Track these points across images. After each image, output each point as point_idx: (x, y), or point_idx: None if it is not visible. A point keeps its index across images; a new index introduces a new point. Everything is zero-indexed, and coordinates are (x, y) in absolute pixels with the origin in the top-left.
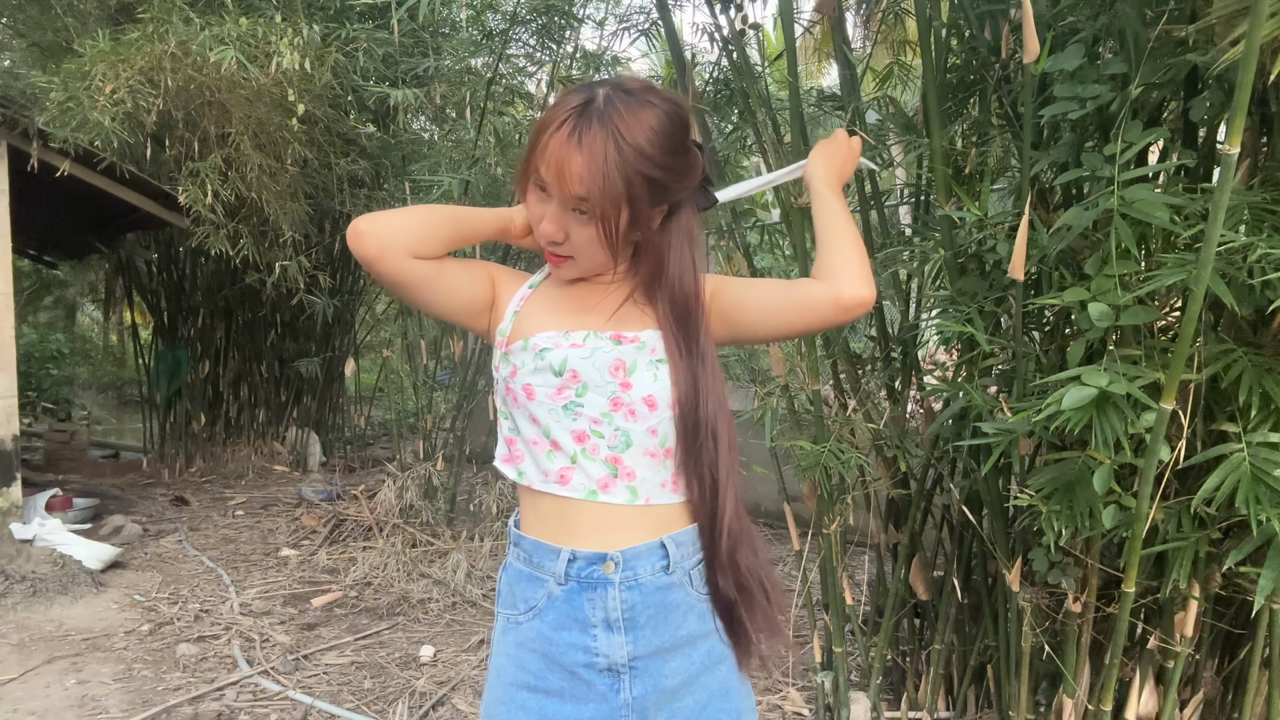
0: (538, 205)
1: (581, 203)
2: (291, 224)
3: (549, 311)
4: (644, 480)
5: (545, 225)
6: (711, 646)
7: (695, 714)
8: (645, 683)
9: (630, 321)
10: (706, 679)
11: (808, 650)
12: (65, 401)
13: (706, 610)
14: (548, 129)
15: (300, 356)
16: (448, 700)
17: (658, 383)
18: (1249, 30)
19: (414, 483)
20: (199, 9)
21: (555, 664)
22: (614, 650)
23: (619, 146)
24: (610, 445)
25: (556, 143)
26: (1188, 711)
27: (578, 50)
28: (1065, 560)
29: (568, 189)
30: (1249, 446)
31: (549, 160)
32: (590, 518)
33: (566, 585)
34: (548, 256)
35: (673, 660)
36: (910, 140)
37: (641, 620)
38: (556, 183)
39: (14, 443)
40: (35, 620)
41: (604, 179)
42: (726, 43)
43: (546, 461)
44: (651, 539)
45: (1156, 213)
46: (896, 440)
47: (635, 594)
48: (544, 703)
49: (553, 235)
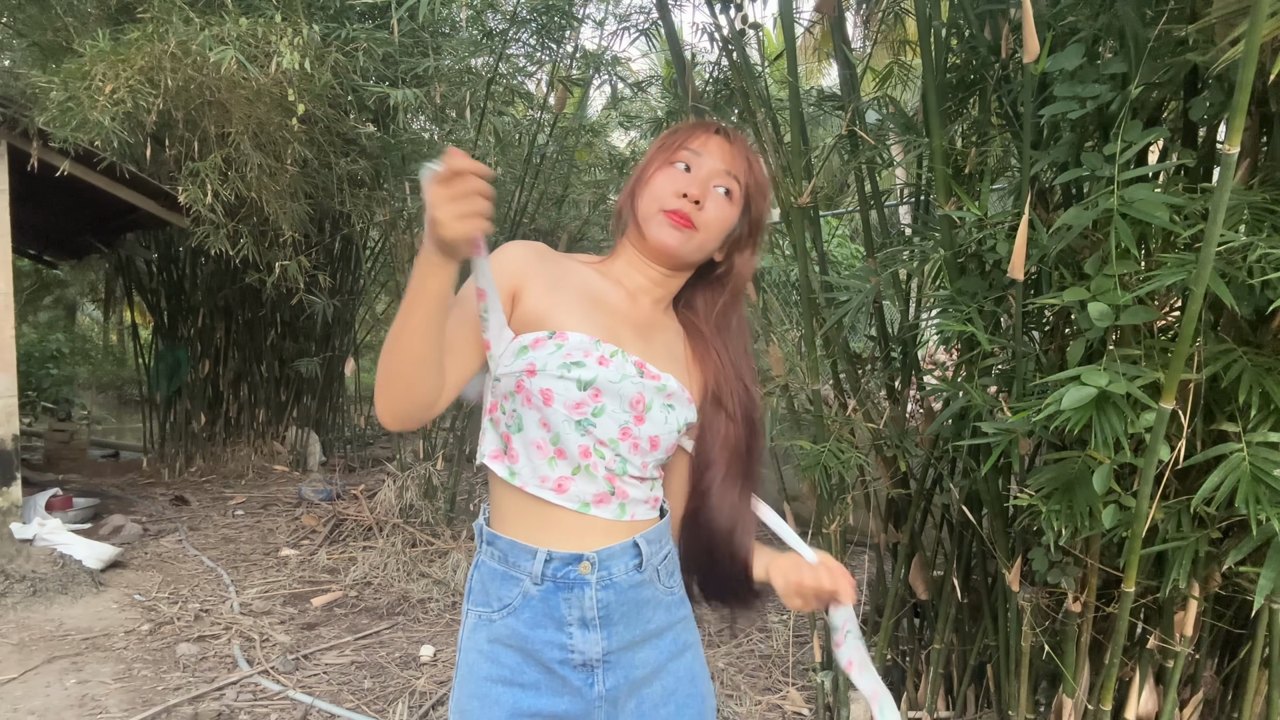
0: (678, 174)
1: (733, 180)
2: (291, 224)
3: (584, 307)
4: (633, 500)
5: (692, 187)
6: (677, 635)
7: (664, 699)
8: (617, 675)
9: (657, 346)
10: (674, 665)
11: (808, 650)
12: (65, 401)
13: (672, 602)
14: (699, 131)
15: (300, 356)
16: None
17: (666, 425)
18: (1249, 30)
19: (414, 482)
20: (199, 9)
21: (531, 659)
22: (589, 647)
23: (760, 164)
24: (609, 466)
25: (709, 137)
26: (1187, 711)
27: (578, 50)
28: (1065, 560)
29: (731, 163)
30: (1249, 446)
31: (706, 144)
32: (573, 524)
33: (542, 585)
34: (669, 217)
35: (642, 651)
36: (910, 140)
37: (615, 617)
38: (719, 156)
39: (14, 442)
40: (35, 620)
41: (752, 169)
42: (726, 42)
43: (546, 468)
44: (625, 539)
45: (1156, 212)
46: (896, 440)
47: (610, 593)
48: (519, 696)
49: (700, 194)
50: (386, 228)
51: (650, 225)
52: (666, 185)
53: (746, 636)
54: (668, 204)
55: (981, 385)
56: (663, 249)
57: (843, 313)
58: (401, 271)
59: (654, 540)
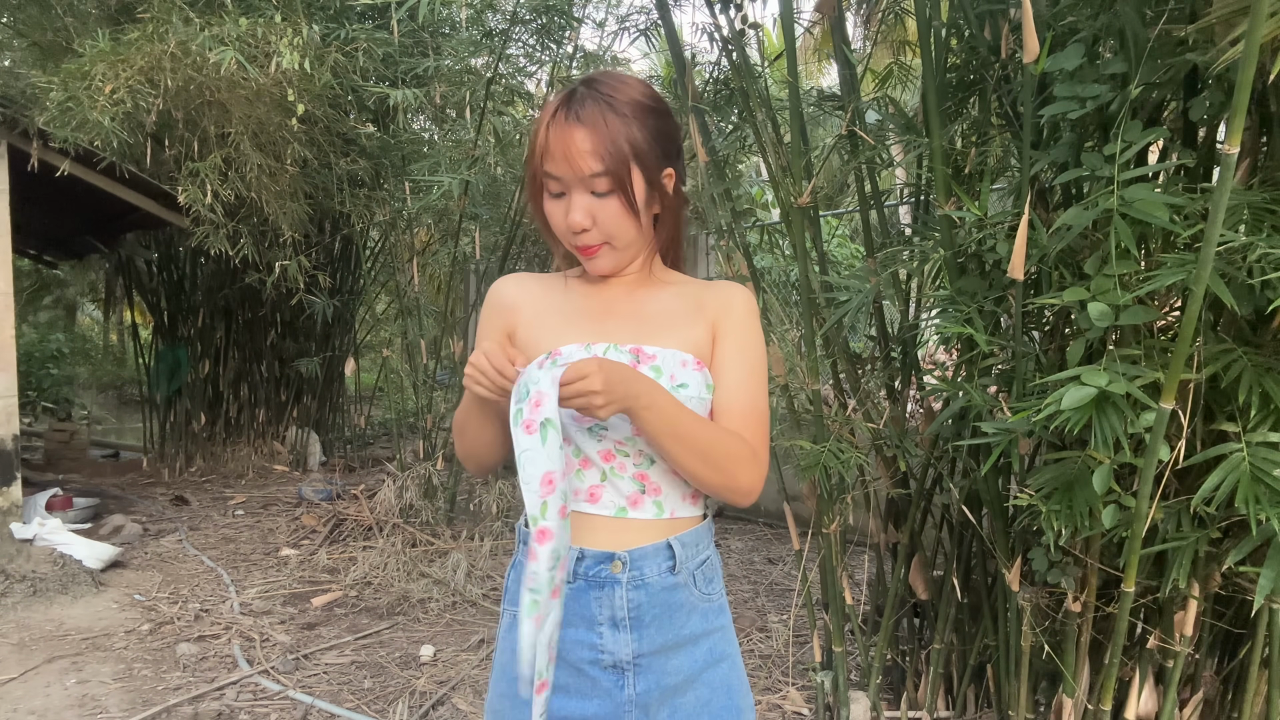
0: (557, 208)
1: (597, 179)
2: (291, 224)
3: (569, 319)
4: (668, 495)
5: (572, 216)
6: (713, 645)
7: (697, 711)
8: (649, 679)
9: (651, 320)
10: (708, 676)
11: (808, 650)
12: (65, 401)
13: (709, 610)
14: (542, 126)
15: (300, 356)
16: (448, 700)
17: None
18: (1249, 30)
19: (414, 482)
20: (199, 9)
21: (561, 659)
22: (619, 648)
23: (614, 108)
24: (635, 463)
25: (555, 130)
26: (1187, 711)
27: (578, 50)
28: (1065, 560)
29: (580, 166)
30: (1248, 446)
31: (553, 149)
32: (611, 527)
33: (574, 583)
34: (581, 254)
35: (675, 658)
36: (910, 140)
37: (647, 619)
38: (567, 166)
39: (14, 442)
40: (35, 620)
41: (610, 142)
42: (726, 43)
43: (576, 480)
44: (659, 540)
45: (1156, 212)
46: (896, 440)
47: (641, 593)
48: (549, 697)
49: (581, 223)
50: (386, 228)
51: (578, 258)
52: (555, 220)
53: (746, 637)
54: (570, 240)
55: (981, 385)
56: (598, 274)
57: (843, 313)
58: (401, 271)
59: (689, 544)
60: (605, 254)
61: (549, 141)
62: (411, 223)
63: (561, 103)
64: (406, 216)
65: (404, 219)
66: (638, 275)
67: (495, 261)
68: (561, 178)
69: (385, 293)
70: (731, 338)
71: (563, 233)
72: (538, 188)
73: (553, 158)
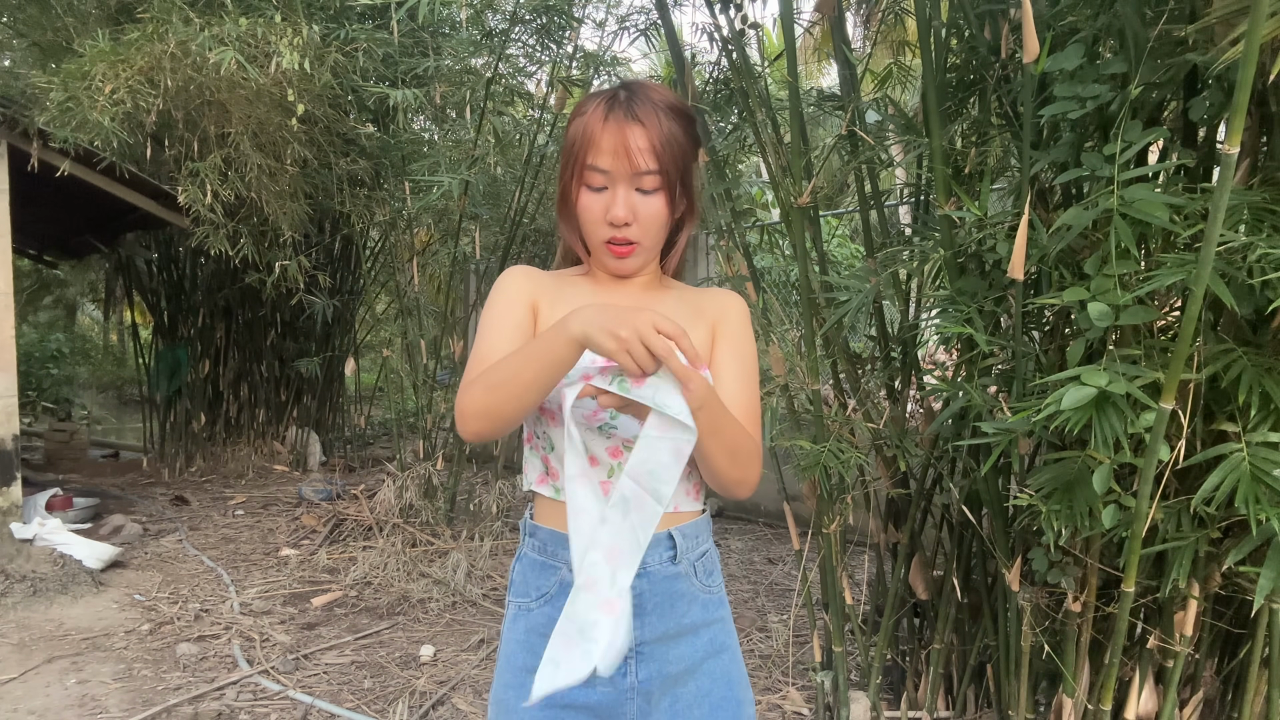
0: (598, 201)
1: (647, 176)
2: (291, 224)
3: None
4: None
5: (615, 210)
6: (714, 636)
7: (698, 700)
8: (650, 667)
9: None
10: (709, 666)
11: (808, 650)
12: (65, 401)
13: (710, 601)
14: (592, 124)
15: (300, 356)
16: (448, 700)
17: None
18: (1249, 30)
19: (414, 482)
20: (199, 9)
21: None
22: None
23: (668, 113)
24: None
25: (612, 127)
26: (1187, 711)
27: (577, 50)
28: (1065, 560)
29: (637, 162)
30: (1248, 446)
31: (604, 143)
32: None
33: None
34: (611, 250)
35: (677, 646)
36: (910, 140)
37: (649, 607)
38: (620, 160)
39: (14, 442)
40: (35, 620)
41: (664, 142)
42: (726, 43)
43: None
44: (661, 530)
45: (1156, 212)
46: (896, 440)
47: (644, 582)
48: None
49: (624, 216)
50: (386, 228)
51: (599, 255)
52: (593, 213)
53: (746, 637)
54: (604, 234)
55: (981, 385)
56: (619, 274)
57: (843, 313)
58: (401, 271)
59: (690, 535)
60: (637, 255)
61: (601, 136)
62: (411, 223)
63: (607, 103)
64: (406, 216)
65: (404, 219)
66: (647, 279)
67: (495, 261)
68: (609, 171)
69: (385, 293)
70: (729, 340)
71: (598, 225)
72: (578, 181)
73: (603, 151)
